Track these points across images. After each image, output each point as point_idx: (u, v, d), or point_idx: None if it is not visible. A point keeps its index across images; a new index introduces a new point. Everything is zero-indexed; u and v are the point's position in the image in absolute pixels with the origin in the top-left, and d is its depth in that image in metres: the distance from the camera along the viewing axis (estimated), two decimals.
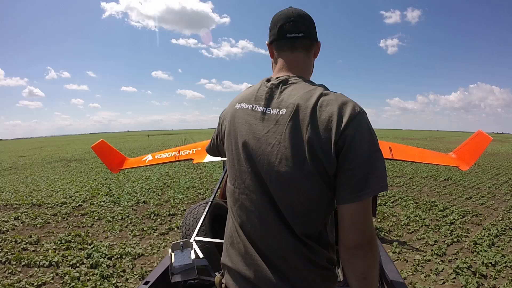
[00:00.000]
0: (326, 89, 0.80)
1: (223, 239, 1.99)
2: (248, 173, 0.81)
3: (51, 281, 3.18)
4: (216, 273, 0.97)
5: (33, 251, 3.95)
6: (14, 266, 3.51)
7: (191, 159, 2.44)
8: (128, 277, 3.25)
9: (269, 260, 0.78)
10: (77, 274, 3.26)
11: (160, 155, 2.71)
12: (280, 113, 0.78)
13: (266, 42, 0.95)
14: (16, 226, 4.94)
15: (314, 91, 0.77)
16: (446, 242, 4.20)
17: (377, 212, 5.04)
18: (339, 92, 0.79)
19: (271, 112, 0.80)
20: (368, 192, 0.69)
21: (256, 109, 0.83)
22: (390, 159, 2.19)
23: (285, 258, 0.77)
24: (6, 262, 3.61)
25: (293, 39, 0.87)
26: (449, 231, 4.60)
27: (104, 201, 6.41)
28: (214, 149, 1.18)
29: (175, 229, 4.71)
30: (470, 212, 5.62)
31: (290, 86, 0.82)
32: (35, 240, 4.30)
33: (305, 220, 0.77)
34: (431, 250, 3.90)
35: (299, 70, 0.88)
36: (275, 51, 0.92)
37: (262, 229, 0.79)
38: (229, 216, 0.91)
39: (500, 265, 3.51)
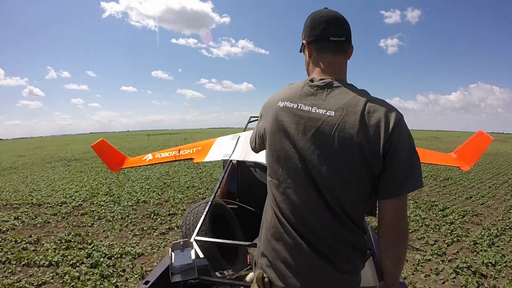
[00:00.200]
0: (369, 94, 0.88)
1: (223, 239, 1.99)
2: (296, 169, 0.86)
3: (51, 281, 3.18)
4: (254, 269, 0.98)
5: (33, 250, 3.95)
6: (14, 265, 3.51)
7: (191, 159, 2.44)
8: (128, 276, 3.25)
9: (316, 248, 0.85)
10: (77, 274, 3.26)
11: (160, 155, 2.71)
12: (328, 114, 0.84)
13: (304, 41, 0.98)
14: (16, 225, 4.94)
15: (360, 96, 0.85)
16: (446, 242, 4.20)
17: (377, 212, 5.03)
18: (381, 98, 0.87)
19: (318, 112, 0.85)
20: (408, 190, 0.81)
21: (301, 108, 0.87)
22: None
23: (333, 247, 0.85)
24: (6, 262, 3.61)
25: (336, 42, 0.92)
26: (449, 231, 4.60)
27: (104, 200, 6.41)
28: (261, 146, 1.09)
29: (175, 228, 4.71)
30: (470, 212, 5.62)
31: (336, 90, 0.87)
32: (35, 239, 4.29)
33: (352, 213, 0.85)
34: (431, 250, 3.90)
35: (340, 74, 0.93)
36: (315, 52, 0.95)
37: (310, 221, 0.85)
38: (268, 209, 0.95)
39: (500, 265, 3.51)
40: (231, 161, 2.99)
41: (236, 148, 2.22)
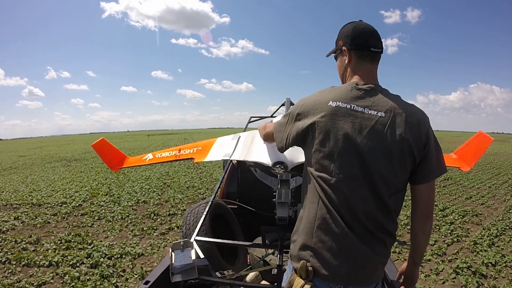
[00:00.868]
0: (402, 98, 1.05)
1: (223, 239, 1.98)
2: (351, 164, 0.96)
3: (51, 281, 3.18)
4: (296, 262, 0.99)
5: (33, 251, 3.95)
6: (14, 266, 3.51)
7: (191, 158, 2.44)
8: (128, 277, 3.25)
9: (361, 236, 0.96)
10: (77, 274, 3.26)
11: (161, 154, 2.71)
12: (379, 115, 0.97)
13: (344, 48, 1.09)
14: (16, 226, 4.94)
15: (400, 100, 1.02)
16: (446, 242, 4.20)
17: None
18: (411, 103, 1.05)
19: (370, 113, 0.97)
20: (438, 174, 1.02)
21: (355, 109, 0.98)
22: None
23: (375, 234, 0.97)
24: (6, 262, 3.61)
25: (375, 53, 1.07)
26: (449, 231, 4.61)
27: (104, 201, 6.41)
28: (297, 143, 1.12)
29: (175, 229, 4.71)
30: (470, 212, 5.62)
31: (379, 94, 1.02)
32: (35, 240, 4.29)
33: (396, 201, 1.00)
34: (431, 250, 3.91)
35: (376, 80, 1.08)
36: (355, 58, 1.08)
37: (358, 211, 0.95)
38: (312, 202, 1.02)
39: (500, 265, 3.51)
40: (231, 161, 2.99)
41: (237, 148, 2.22)
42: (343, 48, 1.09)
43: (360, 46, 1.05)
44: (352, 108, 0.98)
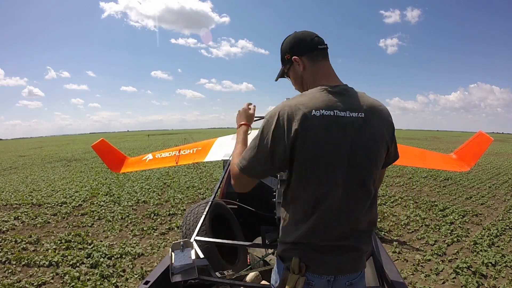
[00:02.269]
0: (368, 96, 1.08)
1: (223, 239, 1.99)
2: (341, 168, 0.97)
3: (51, 281, 3.18)
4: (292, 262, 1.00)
5: (33, 251, 3.95)
6: (14, 265, 3.51)
7: (191, 164, 2.45)
8: (128, 277, 3.25)
9: (348, 230, 1.00)
10: (77, 274, 3.26)
11: (161, 155, 2.71)
12: (360, 115, 0.98)
13: (294, 57, 1.08)
14: (16, 225, 4.94)
15: (369, 98, 1.04)
16: (446, 242, 4.20)
17: (377, 211, 5.05)
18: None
19: (352, 115, 0.97)
20: (395, 160, 1.19)
21: (339, 114, 0.96)
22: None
23: (362, 227, 1.03)
24: (6, 262, 3.61)
25: (323, 49, 1.08)
26: (449, 231, 4.61)
27: (104, 200, 6.41)
28: (268, 166, 1.00)
29: (175, 228, 4.71)
30: (470, 212, 5.62)
31: (351, 94, 1.02)
32: (35, 240, 4.30)
33: (376, 190, 1.06)
34: (431, 250, 3.91)
35: (338, 78, 1.09)
36: (308, 61, 1.08)
37: (354, 211, 1.00)
38: (302, 206, 1.02)
39: (500, 265, 3.51)
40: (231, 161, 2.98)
41: None
42: (293, 58, 1.09)
43: (308, 47, 1.07)
44: (336, 114, 0.95)
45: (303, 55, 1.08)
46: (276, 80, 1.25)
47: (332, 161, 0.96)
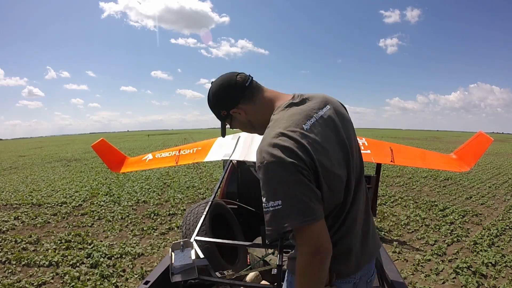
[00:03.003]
0: None
1: (223, 239, 1.98)
2: (346, 162, 0.95)
3: (51, 281, 3.18)
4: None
5: (33, 250, 3.95)
6: (14, 265, 3.51)
7: (191, 164, 2.45)
8: (128, 276, 3.25)
9: (363, 228, 1.03)
10: (77, 274, 3.26)
11: (161, 154, 2.71)
12: (330, 110, 0.97)
13: (232, 110, 1.01)
14: (16, 225, 4.94)
15: (318, 93, 1.05)
16: (446, 242, 4.20)
17: (377, 211, 5.05)
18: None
19: (327, 110, 0.97)
20: None
21: (319, 114, 0.95)
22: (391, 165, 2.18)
23: (370, 220, 1.06)
24: (6, 262, 3.61)
25: (251, 82, 1.02)
26: (449, 231, 4.60)
27: (104, 200, 6.41)
28: (317, 204, 0.83)
29: (175, 228, 4.71)
30: (470, 212, 5.62)
31: (306, 95, 1.00)
32: (35, 239, 4.29)
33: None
34: (431, 250, 3.90)
35: (283, 93, 1.06)
36: (247, 104, 1.01)
37: (364, 213, 1.03)
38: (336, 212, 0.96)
39: (500, 265, 3.51)
40: (231, 161, 2.99)
41: (236, 148, 2.22)
42: (231, 112, 1.01)
43: (237, 93, 0.99)
44: (317, 120, 0.92)
45: (238, 104, 1.00)
46: (224, 136, 1.16)
47: (336, 157, 0.96)
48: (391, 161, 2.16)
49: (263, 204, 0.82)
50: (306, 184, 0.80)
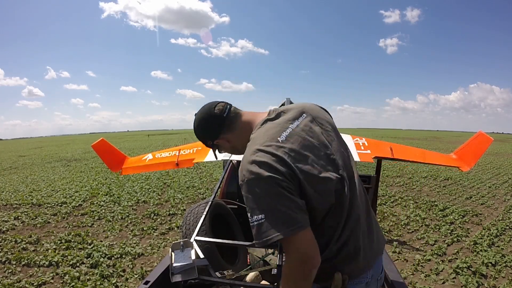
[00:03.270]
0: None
1: (223, 239, 1.98)
2: (341, 161, 0.98)
3: (51, 281, 3.18)
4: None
5: (33, 250, 3.95)
6: (14, 265, 3.51)
7: (191, 164, 2.45)
8: (128, 276, 3.25)
9: (367, 225, 1.03)
10: (77, 274, 3.26)
11: (161, 154, 2.71)
12: (306, 119, 1.00)
13: (216, 141, 1.08)
14: (16, 225, 4.94)
15: (297, 103, 1.10)
16: (446, 242, 4.20)
17: (377, 211, 5.04)
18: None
19: (303, 119, 1.00)
20: None
21: (295, 124, 0.99)
22: (391, 159, 2.18)
23: (372, 216, 1.07)
24: (6, 262, 3.61)
25: (229, 111, 1.06)
26: (449, 231, 4.60)
27: (104, 200, 6.41)
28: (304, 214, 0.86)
29: (175, 228, 4.71)
30: (470, 212, 5.62)
31: (282, 109, 1.05)
32: (35, 239, 4.30)
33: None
34: (431, 250, 3.91)
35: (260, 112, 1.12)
36: (228, 133, 1.06)
37: (365, 209, 1.03)
38: (331, 236, 0.95)
39: (500, 265, 3.51)
40: (231, 161, 2.99)
41: None
42: (215, 142, 1.08)
43: (218, 124, 1.04)
44: (293, 127, 0.97)
45: (219, 135, 1.06)
46: (216, 159, 1.27)
47: (330, 169, 0.99)
48: (391, 154, 2.17)
49: (249, 219, 0.84)
50: (286, 196, 0.82)
